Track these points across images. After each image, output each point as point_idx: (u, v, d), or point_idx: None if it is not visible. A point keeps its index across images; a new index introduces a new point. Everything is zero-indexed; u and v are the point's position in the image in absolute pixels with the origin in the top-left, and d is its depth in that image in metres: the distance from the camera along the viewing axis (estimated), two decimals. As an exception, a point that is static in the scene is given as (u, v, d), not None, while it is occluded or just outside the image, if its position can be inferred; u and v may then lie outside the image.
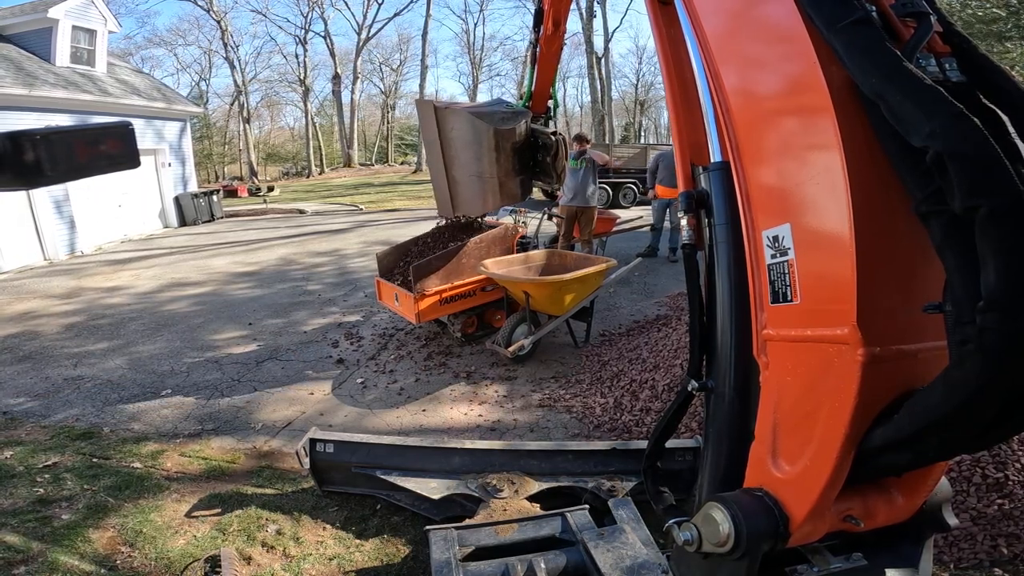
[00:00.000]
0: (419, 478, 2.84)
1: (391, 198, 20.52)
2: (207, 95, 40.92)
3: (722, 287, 1.37)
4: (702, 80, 1.39)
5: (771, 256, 1.19)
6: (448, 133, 4.65)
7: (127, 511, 2.98)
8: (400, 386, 4.56)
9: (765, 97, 1.24)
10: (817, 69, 1.02)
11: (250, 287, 7.97)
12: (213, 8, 32.62)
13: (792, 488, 1.17)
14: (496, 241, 5.30)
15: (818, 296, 1.10)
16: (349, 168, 37.49)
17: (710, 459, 1.44)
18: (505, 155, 4.59)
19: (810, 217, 1.11)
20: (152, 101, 14.39)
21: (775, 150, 1.19)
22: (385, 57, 45.06)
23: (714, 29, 1.36)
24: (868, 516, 1.19)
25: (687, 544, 1.32)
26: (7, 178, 0.75)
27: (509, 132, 4.55)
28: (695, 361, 1.49)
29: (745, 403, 1.34)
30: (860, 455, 1.07)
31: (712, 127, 1.36)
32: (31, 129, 0.77)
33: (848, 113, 1.00)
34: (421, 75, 33.79)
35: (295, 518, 2.92)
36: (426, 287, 4.76)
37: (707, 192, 1.40)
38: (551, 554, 2.31)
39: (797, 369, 1.16)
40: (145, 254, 11.09)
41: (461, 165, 4.67)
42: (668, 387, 3.87)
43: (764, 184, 1.23)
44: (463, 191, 4.80)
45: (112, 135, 0.85)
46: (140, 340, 5.88)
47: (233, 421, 4.07)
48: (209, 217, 15.73)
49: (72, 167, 0.80)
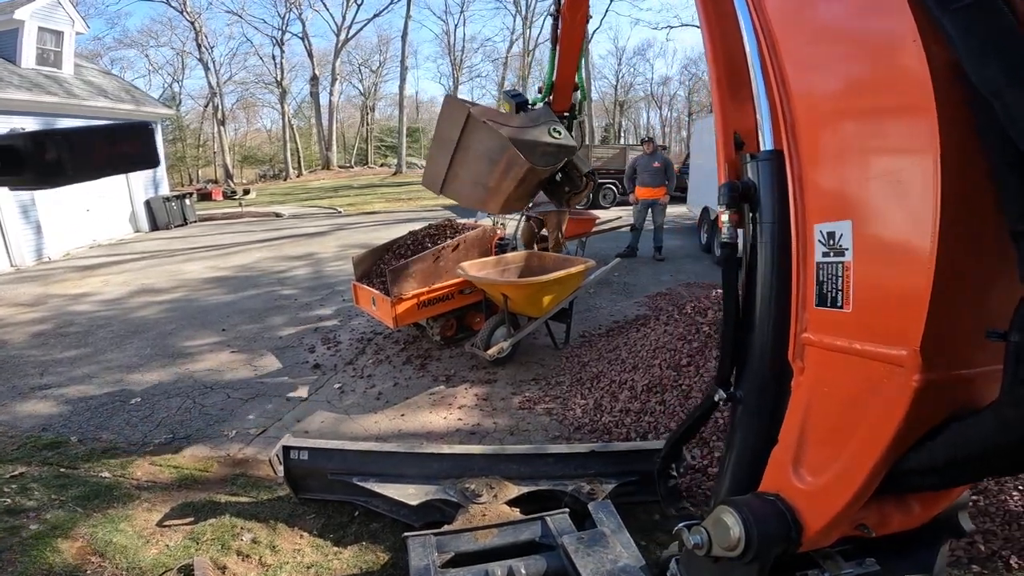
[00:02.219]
0: (397, 484, 2.79)
1: (370, 201, 20.33)
2: (180, 97, 40.21)
3: (763, 288, 1.26)
4: (755, 58, 1.23)
5: (822, 254, 1.08)
6: (472, 144, 3.94)
7: (96, 521, 2.89)
8: (378, 391, 4.50)
9: (841, 81, 1.06)
10: (919, 52, 0.86)
11: (224, 292, 7.81)
12: (187, 9, 32.04)
13: (811, 500, 1.11)
14: (474, 243, 5.25)
15: (875, 309, 0.98)
16: (328, 170, 37.08)
17: (731, 466, 1.39)
18: (526, 186, 3.96)
19: (880, 219, 0.97)
20: (119, 103, 14.06)
21: (846, 141, 1.03)
22: (364, 58, 44.80)
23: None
24: (882, 525, 1.14)
25: (697, 547, 1.29)
26: (29, 177, 0.74)
27: (543, 172, 3.94)
28: (725, 370, 1.40)
29: (774, 415, 1.25)
30: (887, 475, 1.01)
31: (765, 111, 1.21)
32: (53, 129, 0.79)
33: (949, 107, 0.85)
34: (401, 76, 33.68)
35: (271, 526, 2.85)
36: (403, 291, 4.69)
37: (754, 184, 1.26)
38: (531, 559, 2.28)
39: (836, 381, 1.07)
40: (115, 259, 10.81)
41: (470, 170, 4.03)
42: (647, 388, 3.87)
43: (825, 174, 1.09)
44: (459, 186, 4.16)
45: (132, 135, 0.85)
46: (109, 348, 5.71)
47: (206, 429, 3.97)
48: (182, 221, 15.40)
49: (93, 166, 0.79)
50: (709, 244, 9.35)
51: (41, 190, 0.80)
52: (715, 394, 1.42)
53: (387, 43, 43.88)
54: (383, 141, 49.13)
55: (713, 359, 3.81)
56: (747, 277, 1.33)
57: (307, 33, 36.77)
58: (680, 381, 3.79)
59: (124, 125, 0.86)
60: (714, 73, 1.42)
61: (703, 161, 11.24)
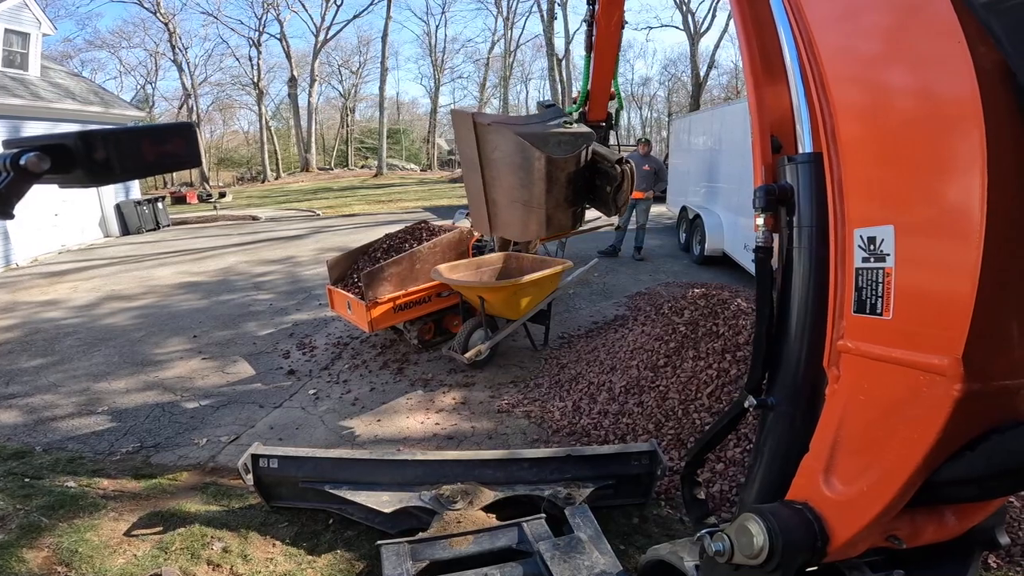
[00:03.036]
0: (370, 491, 2.74)
1: (350, 203, 20.15)
2: (153, 99, 39.41)
3: (799, 294, 1.24)
4: (793, 61, 1.20)
5: (862, 259, 1.05)
6: (490, 153, 3.86)
7: (62, 530, 2.81)
8: (354, 396, 4.43)
9: (882, 84, 1.03)
10: (965, 53, 0.83)
11: (196, 298, 7.64)
12: (160, 10, 31.43)
13: (842, 510, 1.09)
14: (451, 245, 5.19)
15: (917, 316, 0.96)
16: (307, 173, 36.65)
17: (759, 474, 1.37)
18: (559, 186, 3.84)
19: (924, 225, 0.94)
20: (87, 105, 13.70)
21: (889, 144, 1.01)
22: (344, 59, 44.35)
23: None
24: (914, 536, 1.11)
25: (718, 555, 1.26)
26: (79, 175, 0.77)
27: (565, 163, 3.80)
28: (756, 376, 1.37)
29: (807, 423, 1.23)
30: (921, 486, 0.98)
31: (804, 112, 1.19)
32: (101, 128, 0.81)
33: (996, 110, 0.82)
34: (381, 78, 33.48)
35: (242, 535, 2.78)
36: (379, 294, 4.62)
37: (791, 187, 1.24)
38: (508, 567, 2.25)
39: (874, 390, 1.05)
40: (84, 265, 10.53)
41: (503, 189, 3.91)
42: (625, 389, 3.87)
43: (865, 176, 1.06)
44: (503, 213, 4.02)
45: (177, 135, 0.87)
46: (76, 356, 5.55)
47: (175, 438, 3.87)
48: (154, 225, 15.08)
49: (140, 165, 0.82)
50: (688, 243, 9.43)
51: (89, 187, 0.80)
52: (745, 400, 1.39)
53: (367, 44, 43.67)
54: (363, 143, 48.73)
55: (689, 359, 3.82)
56: (782, 282, 1.31)
57: (285, 34, 36.37)
58: (657, 382, 3.79)
59: (169, 125, 0.90)
60: (750, 74, 1.40)
61: (681, 161, 11.33)
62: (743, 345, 3.74)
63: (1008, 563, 2.39)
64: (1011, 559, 2.41)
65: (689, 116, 12.60)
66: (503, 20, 39.36)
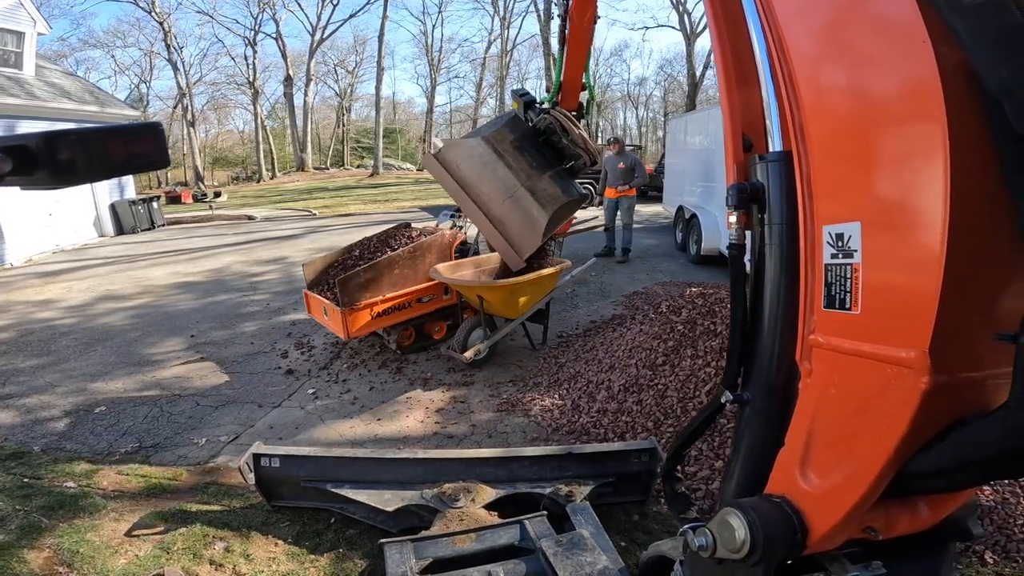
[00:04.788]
0: (372, 490, 2.74)
1: (346, 203, 20.11)
2: (148, 98, 39.22)
3: (771, 290, 1.25)
4: (764, 59, 1.22)
5: (831, 255, 1.07)
6: (459, 173, 4.13)
7: (62, 531, 2.81)
8: (353, 395, 4.43)
9: (849, 83, 1.05)
10: (929, 52, 0.85)
11: (192, 298, 7.61)
12: (155, 9, 31.26)
13: (818, 502, 1.11)
14: (431, 248, 5.03)
15: (884, 311, 0.98)
16: (303, 172, 36.50)
17: (737, 468, 1.38)
18: (512, 158, 4.08)
19: (889, 220, 0.96)
20: (83, 104, 13.63)
21: (855, 142, 1.03)
22: (340, 59, 44.22)
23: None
24: (889, 527, 1.13)
25: (701, 550, 1.27)
26: (42, 177, 0.75)
27: (499, 134, 4.14)
28: (732, 372, 1.39)
29: (782, 417, 1.25)
30: (894, 477, 1.01)
31: (774, 111, 1.21)
32: (67, 129, 0.79)
33: (959, 109, 0.84)
34: (377, 77, 33.41)
35: (244, 534, 2.78)
36: (355, 300, 4.48)
37: (763, 185, 1.26)
38: (510, 564, 2.25)
39: (844, 384, 1.07)
40: (79, 265, 10.47)
41: (490, 197, 4.11)
42: (624, 387, 3.88)
43: (832, 174, 1.08)
44: (510, 225, 4.14)
45: (145, 135, 0.86)
46: (72, 356, 5.52)
47: (174, 437, 3.86)
48: (149, 225, 14.99)
49: (106, 166, 0.80)
50: (684, 242, 9.46)
51: (53, 189, 0.80)
52: (722, 396, 1.40)
53: (363, 43, 43.49)
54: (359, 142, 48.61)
55: (687, 357, 3.84)
56: (755, 279, 1.32)
57: (281, 33, 36.25)
58: (656, 380, 3.81)
59: (136, 125, 0.88)
60: (723, 74, 1.41)
61: (677, 160, 11.37)
62: (741, 344, 3.76)
63: (1004, 559, 2.42)
64: (1007, 555, 2.43)
65: (685, 116, 12.64)
66: (500, 20, 39.35)
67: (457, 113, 52.45)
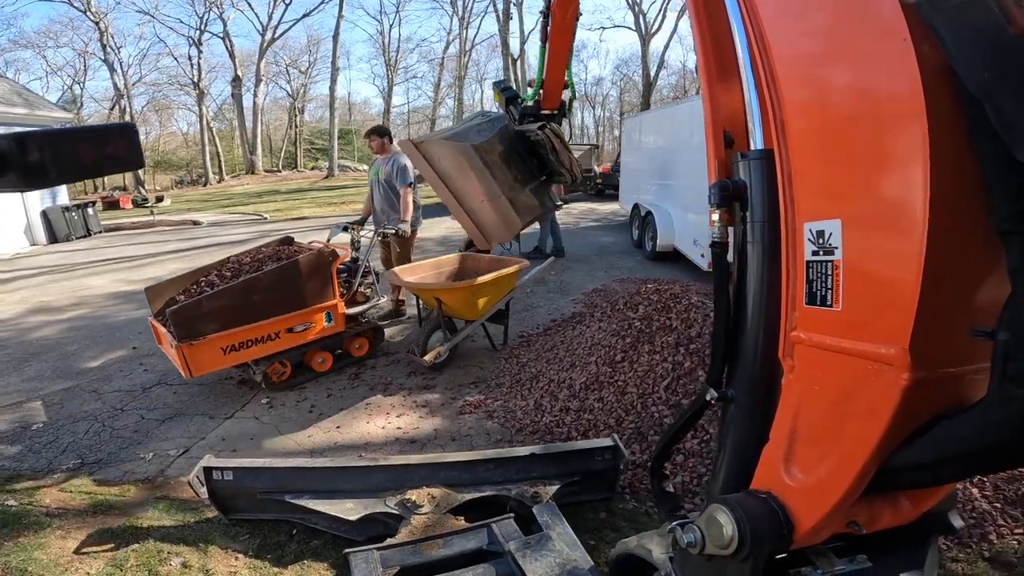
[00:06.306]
0: (333, 500, 2.67)
1: (299, 206, 19.59)
2: (81, 100, 37.20)
3: (754, 287, 1.26)
4: (745, 57, 1.21)
5: (812, 252, 1.08)
6: (439, 166, 4.09)
7: (8, 549, 2.64)
8: (311, 403, 4.30)
9: (829, 81, 1.06)
10: (909, 52, 0.85)
11: (134, 308, 7.22)
12: (91, 9, 29.68)
13: (802, 497, 1.12)
14: (305, 270, 4.32)
15: (864, 307, 0.99)
16: (253, 175, 35.39)
17: (723, 465, 1.39)
18: (498, 169, 4.11)
19: (870, 217, 0.97)
20: (11, 107, 12.83)
21: (835, 140, 1.03)
22: (293, 59, 43.03)
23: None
24: (873, 522, 1.16)
25: (690, 546, 1.28)
26: (11, 179, 0.74)
27: (488, 145, 4.09)
28: (716, 369, 1.40)
29: (766, 414, 1.26)
30: (877, 472, 1.02)
31: (755, 109, 1.21)
32: (37, 130, 0.77)
33: (939, 108, 0.84)
34: (332, 77, 32.80)
35: (202, 549, 2.66)
36: (198, 333, 3.84)
37: (744, 183, 1.26)
38: (480, 568, 2.24)
39: (826, 380, 1.08)
40: (9, 276, 9.80)
41: (468, 194, 4.09)
42: (585, 385, 3.91)
43: (813, 171, 1.09)
44: (484, 219, 4.15)
45: (118, 136, 0.84)
46: (5, 371, 5.16)
47: (119, 453, 3.66)
48: (85, 232, 14.21)
49: (78, 168, 0.79)
50: (640, 239, 9.63)
51: (25, 192, 0.74)
52: (707, 393, 1.41)
53: (318, 43, 42.58)
54: (313, 144, 47.46)
55: (645, 353, 3.90)
56: (737, 276, 1.33)
57: (228, 33, 35.03)
58: (616, 377, 3.85)
59: (109, 126, 0.87)
60: (704, 70, 1.41)
61: (633, 159, 11.57)
62: (695, 338, 3.85)
63: (958, 545, 2.46)
64: (959, 540, 2.48)
65: (640, 115, 12.88)
66: (458, 20, 39.18)
67: (415, 114, 51.97)
